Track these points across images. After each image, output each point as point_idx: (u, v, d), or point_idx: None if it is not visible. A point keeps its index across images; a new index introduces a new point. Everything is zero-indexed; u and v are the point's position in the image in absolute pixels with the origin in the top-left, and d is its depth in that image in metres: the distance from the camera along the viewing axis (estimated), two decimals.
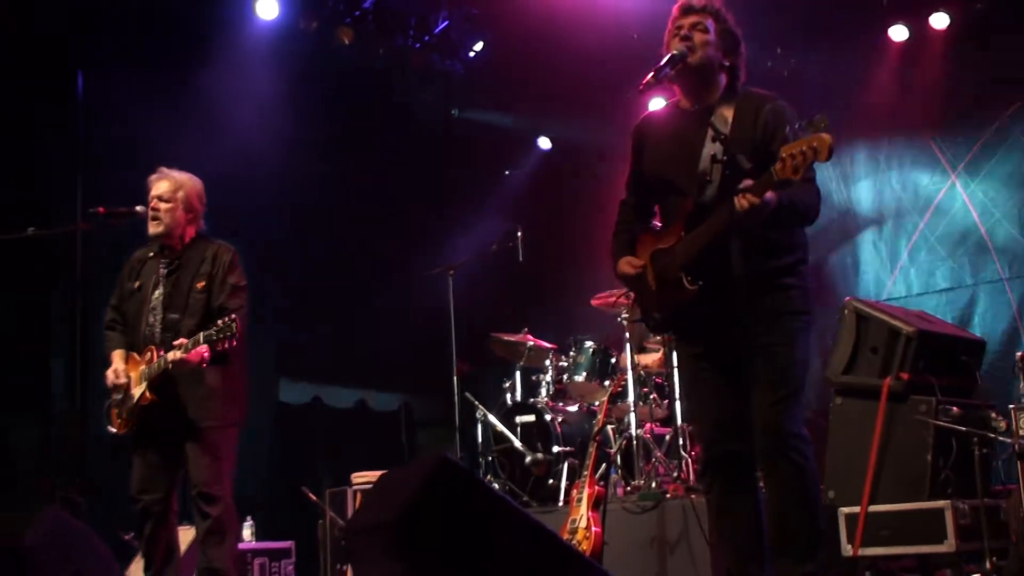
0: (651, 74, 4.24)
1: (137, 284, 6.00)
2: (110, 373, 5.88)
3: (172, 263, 5.96)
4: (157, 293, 5.90)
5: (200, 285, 5.82)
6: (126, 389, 5.82)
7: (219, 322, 5.49)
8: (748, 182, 3.90)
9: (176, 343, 5.59)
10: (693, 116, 4.36)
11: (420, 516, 3.24)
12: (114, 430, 5.87)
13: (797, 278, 4.27)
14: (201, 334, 5.53)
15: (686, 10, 4.45)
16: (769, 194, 3.88)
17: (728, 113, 4.29)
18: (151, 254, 6.06)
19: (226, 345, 5.48)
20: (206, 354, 5.58)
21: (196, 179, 6.12)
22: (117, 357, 5.92)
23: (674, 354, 7.56)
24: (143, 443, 5.84)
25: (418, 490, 3.26)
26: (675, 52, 4.31)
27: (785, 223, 4.18)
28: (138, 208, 5.95)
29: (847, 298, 7.18)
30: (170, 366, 5.61)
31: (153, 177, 6.04)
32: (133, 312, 5.97)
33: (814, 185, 4.21)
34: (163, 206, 5.93)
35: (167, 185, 5.97)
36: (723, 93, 4.40)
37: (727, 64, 4.41)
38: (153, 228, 5.94)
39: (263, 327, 6.12)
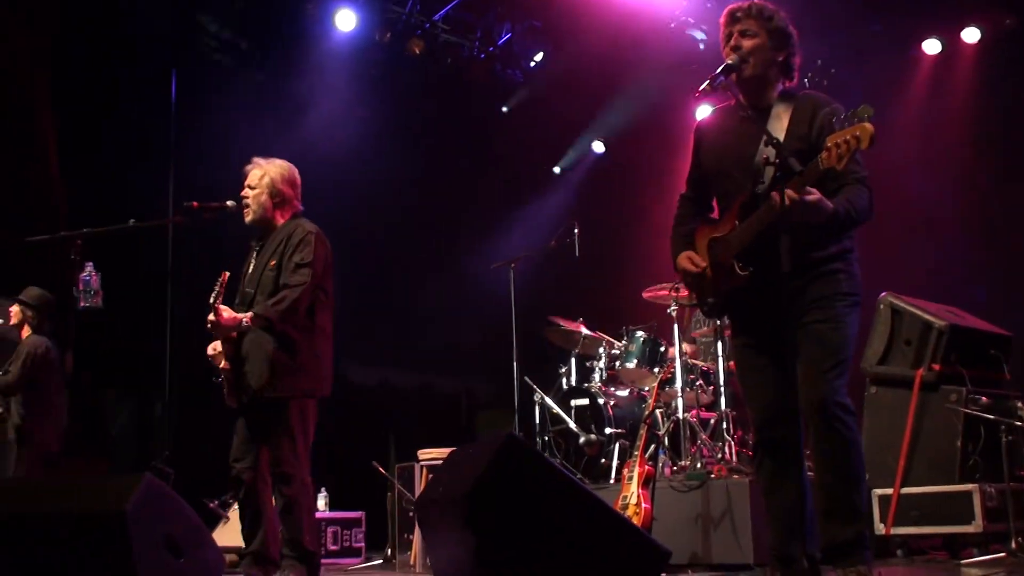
0: (707, 82, 4.19)
1: (243, 269, 6.02)
2: (209, 348, 5.88)
3: (261, 246, 5.97)
4: (247, 274, 5.93)
5: (272, 264, 5.77)
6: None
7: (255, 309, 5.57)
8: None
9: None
10: (750, 116, 4.31)
11: (490, 489, 3.26)
12: (232, 405, 5.84)
13: (844, 263, 4.23)
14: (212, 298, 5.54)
15: (732, 18, 4.38)
16: (815, 196, 3.84)
17: (785, 115, 4.25)
18: (254, 241, 6.08)
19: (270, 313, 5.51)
20: (246, 320, 5.56)
21: (285, 165, 6.05)
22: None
23: (719, 343, 7.55)
24: (239, 413, 5.83)
25: (488, 465, 3.28)
26: (730, 62, 4.26)
27: (847, 228, 4.15)
28: (228, 203, 5.93)
29: (883, 293, 7.12)
30: (214, 325, 5.59)
31: (247, 167, 6.04)
32: (233, 294, 5.96)
33: (865, 187, 4.15)
34: (250, 193, 5.93)
35: (255, 173, 5.96)
36: (780, 93, 4.35)
37: (780, 60, 4.34)
38: (245, 216, 5.95)
39: (336, 310, 6.06)
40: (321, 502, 9.18)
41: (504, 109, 12.33)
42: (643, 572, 3.32)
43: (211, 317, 5.56)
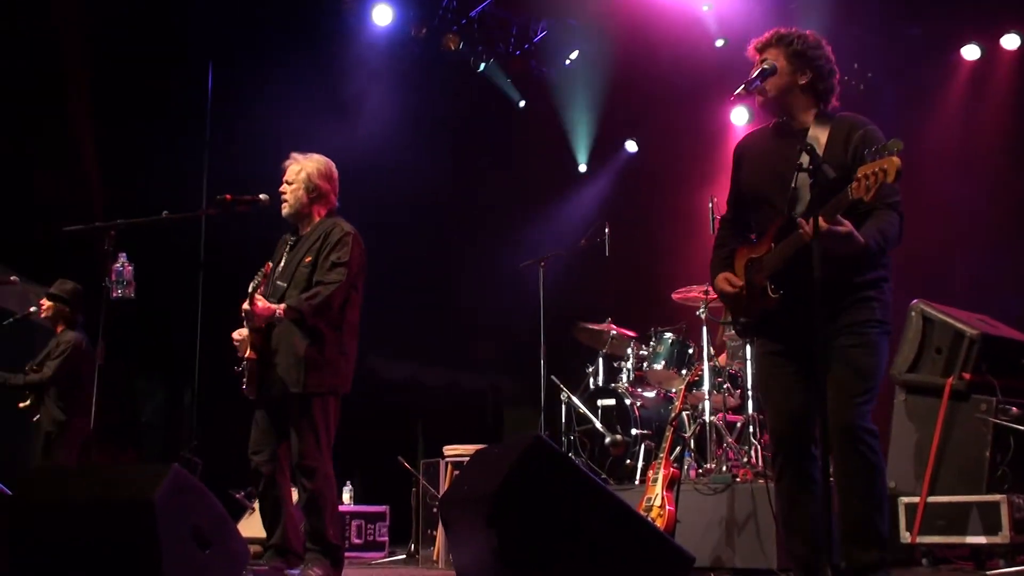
0: (742, 87, 4.24)
1: (272, 263, 6.06)
2: (235, 334, 5.92)
3: (296, 241, 6.01)
4: (279, 268, 5.97)
5: (308, 260, 5.81)
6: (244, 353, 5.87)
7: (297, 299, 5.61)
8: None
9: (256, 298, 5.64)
10: (787, 136, 4.34)
11: (515, 490, 3.27)
12: (251, 397, 5.88)
13: (878, 291, 4.25)
14: (250, 287, 5.60)
15: (756, 50, 4.48)
16: (846, 228, 3.88)
17: (822, 136, 4.26)
18: (288, 236, 6.13)
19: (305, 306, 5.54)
20: (279, 312, 5.60)
21: (322, 160, 6.10)
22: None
23: (748, 347, 7.53)
24: (258, 406, 5.88)
25: (514, 466, 3.30)
26: (765, 67, 4.28)
27: (877, 259, 4.18)
28: (262, 196, 5.96)
29: (914, 300, 7.09)
30: (248, 314, 5.63)
31: (285, 163, 6.08)
32: (266, 288, 6.01)
33: (896, 212, 4.17)
34: (288, 188, 5.98)
35: (292, 167, 6.01)
36: (817, 115, 4.36)
37: (803, 83, 4.36)
38: (283, 210, 5.99)
39: (366, 306, 6.10)
40: (346, 495, 9.24)
41: (531, 105, 12.34)
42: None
43: (246, 305, 5.61)
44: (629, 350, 8.49)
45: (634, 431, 7.91)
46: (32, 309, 8.36)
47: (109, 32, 10.01)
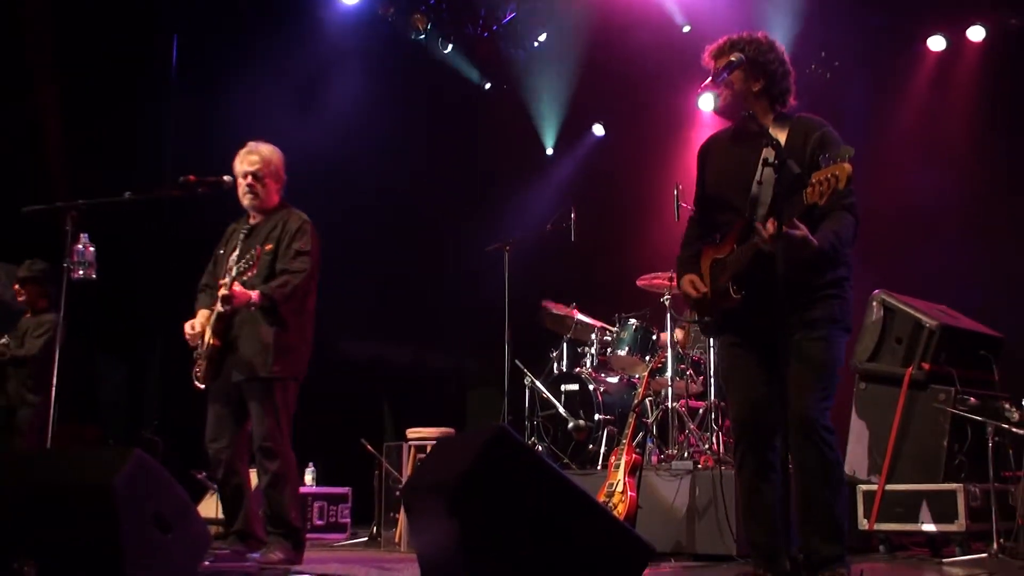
0: (710, 79, 4.30)
1: (222, 251, 6.09)
2: (187, 326, 5.97)
3: (251, 229, 6.03)
4: (234, 255, 5.96)
5: (268, 247, 5.87)
6: (201, 340, 5.89)
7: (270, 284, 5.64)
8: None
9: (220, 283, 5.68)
10: (749, 137, 4.38)
11: (478, 479, 3.28)
12: (200, 385, 5.92)
13: (839, 290, 4.31)
14: (233, 271, 5.67)
15: (713, 56, 4.54)
16: (801, 232, 3.93)
17: (781, 137, 4.30)
18: (236, 225, 6.14)
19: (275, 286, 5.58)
20: (255, 298, 5.65)
21: (278, 150, 6.17)
22: (200, 315, 5.99)
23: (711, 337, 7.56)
24: (214, 394, 5.91)
25: (477, 456, 3.31)
26: (733, 59, 4.31)
27: (832, 261, 4.23)
28: (226, 178, 5.97)
29: (876, 291, 7.15)
30: (221, 298, 5.66)
31: (243, 152, 6.08)
32: (218, 275, 6.04)
33: (850, 215, 4.25)
34: (257, 184, 6.01)
35: (259, 160, 6.02)
36: (776, 117, 4.39)
37: (756, 90, 4.41)
38: (249, 201, 6.01)
39: (332, 287, 6.14)
40: (308, 477, 9.23)
41: (499, 87, 12.31)
42: (628, 567, 3.35)
43: (224, 291, 5.61)
44: (593, 335, 8.51)
45: (597, 416, 7.93)
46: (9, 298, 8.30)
47: (72, 5, 9.89)
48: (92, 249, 5.52)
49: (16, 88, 9.77)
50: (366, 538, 8.46)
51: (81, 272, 5.50)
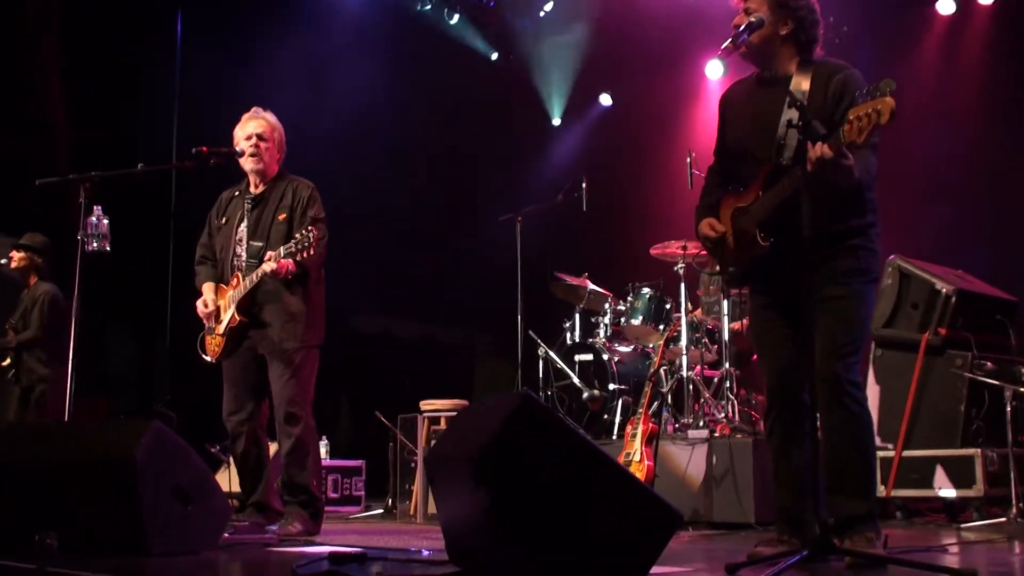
0: (729, 40, 4.19)
1: (224, 220, 6.05)
2: (200, 304, 5.94)
3: (256, 199, 5.97)
4: (243, 226, 5.92)
5: (282, 217, 5.83)
6: (215, 317, 5.86)
7: (296, 235, 5.52)
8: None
9: (267, 257, 5.61)
10: (771, 86, 4.31)
11: (504, 448, 3.25)
12: (208, 359, 5.90)
13: (865, 239, 4.21)
14: (282, 248, 5.55)
15: None
16: (850, 160, 3.82)
17: (805, 83, 4.22)
18: (236, 193, 6.09)
19: (305, 255, 5.45)
20: (292, 267, 5.61)
21: (279, 123, 6.13)
22: (207, 289, 5.96)
23: (725, 303, 7.53)
24: (232, 367, 5.89)
25: (504, 424, 3.27)
26: (752, 20, 4.24)
27: (858, 192, 4.13)
28: (239, 148, 5.94)
29: (891, 256, 7.11)
30: (263, 276, 5.62)
31: (247, 116, 6.04)
32: (221, 246, 6.00)
33: (874, 153, 4.14)
34: (262, 144, 5.94)
35: (265, 125, 5.98)
36: (799, 63, 4.32)
37: (784, 33, 4.31)
38: (253, 164, 5.95)
39: (341, 260, 6.12)
40: (323, 450, 9.21)
41: (505, 58, 12.23)
42: (656, 533, 3.32)
43: (269, 266, 5.56)
44: (607, 305, 8.47)
45: (611, 386, 7.91)
46: (3, 261, 8.28)
47: None
48: (106, 221, 5.48)
49: (22, 64, 9.72)
50: (381, 510, 8.45)
51: (95, 244, 5.47)
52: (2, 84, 9.58)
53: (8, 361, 8.12)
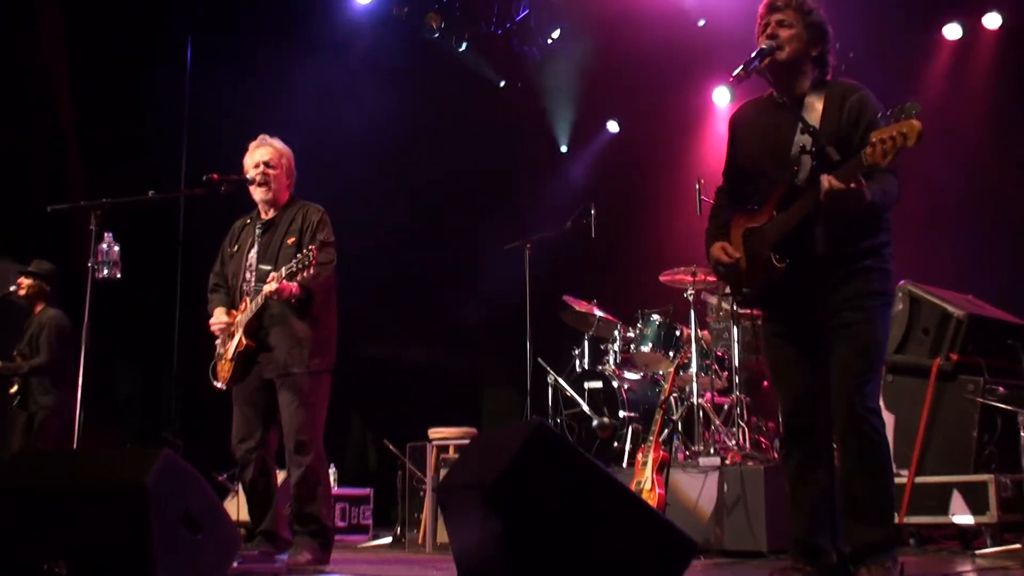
0: (741, 67, 4.16)
1: (236, 248, 6.04)
2: (212, 321, 5.90)
3: (267, 224, 5.96)
4: (253, 252, 5.91)
5: (291, 241, 5.80)
6: (226, 340, 5.83)
7: (297, 256, 5.49)
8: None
9: (268, 278, 5.58)
10: (785, 106, 4.28)
11: (518, 476, 3.22)
12: (219, 385, 5.86)
13: (879, 260, 4.17)
14: (283, 269, 5.51)
15: (771, 7, 4.35)
16: (863, 185, 3.80)
17: (818, 104, 4.21)
18: (247, 221, 6.09)
19: (305, 275, 5.42)
20: (295, 290, 5.58)
21: (288, 148, 6.12)
22: (218, 312, 5.92)
23: (735, 329, 7.51)
24: (241, 393, 5.85)
25: (517, 452, 3.25)
26: (763, 47, 4.23)
27: (876, 216, 4.11)
28: (248, 175, 5.94)
29: (901, 281, 7.08)
30: (268, 298, 5.59)
31: (254, 144, 6.04)
32: (232, 273, 5.98)
33: (896, 176, 4.11)
34: (271, 172, 5.94)
35: (272, 152, 5.98)
36: (813, 83, 4.31)
37: (814, 55, 4.31)
38: (262, 193, 5.95)
39: (349, 286, 6.10)
40: (331, 478, 9.18)
41: (513, 85, 12.26)
42: (671, 562, 3.30)
43: (271, 287, 5.54)
44: (616, 332, 8.45)
45: (621, 414, 7.88)
46: (12, 289, 8.30)
47: (87, 7, 9.87)
48: (117, 248, 5.48)
49: (32, 92, 9.75)
50: (389, 539, 8.41)
51: (106, 272, 5.47)
52: (12, 111, 9.62)
53: (16, 388, 8.12)
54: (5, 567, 4.27)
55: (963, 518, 6.42)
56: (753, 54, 4.21)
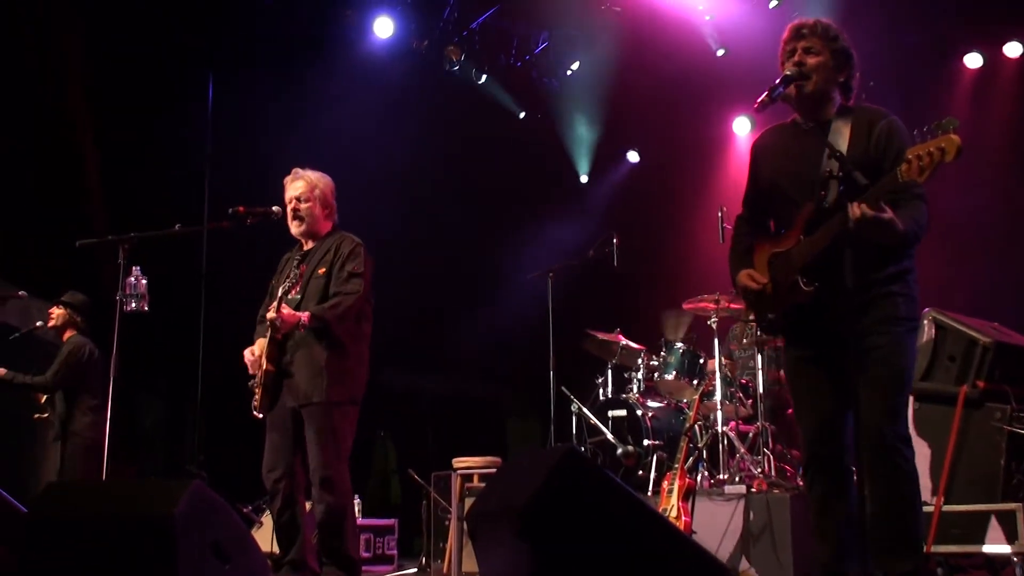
0: (765, 94, 4.15)
1: (277, 280, 6.05)
2: (246, 352, 5.92)
3: (304, 255, 5.99)
4: (287, 283, 5.93)
5: (321, 272, 5.83)
6: (259, 368, 5.85)
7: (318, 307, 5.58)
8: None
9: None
10: (810, 132, 4.27)
11: (549, 502, 3.21)
12: (258, 414, 5.85)
13: (904, 285, 4.16)
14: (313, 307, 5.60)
15: (797, 34, 4.33)
16: (889, 215, 3.79)
17: (845, 129, 4.20)
18: (291, 254, 6.11)
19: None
20: (304, 319, 5.61)
21: (327, 177, 6.15)
22: (258, 344, 5.93)
23: (759, 356, 7.50)
24: (271, 421, 5.85)
25: (547, 478, 3.24)
26: (788, 72, 4.23)
27: (909, 247, 4.11)
28: (274, 208, 5.98)
29: (926, 309, 7.05)
30: (272, 324, 5.63)
31: (288, 179, 6.08)
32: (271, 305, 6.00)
33: (923, 202, 4.10)
34: (303, 206, 5.98)
35: (304, 185, 6.01)
36: (839, 109, 4.31)
37: (841, 81, 4.31)
38: (296, 228, 6.00)
39: (374, 316, 6.12)
40: (355, 509, 9.17)
41: (532, 116, 12.31)
42: None
43: (272, 314, 5.57)
44: (640, 360, 8.44)
45: (646, 442, 7.87)
46: (39, 324, 8.34)
47: (109, 45, 9.96)
48: (144, 281, 5.52)
49: (58, 130, 9.84)
50: (415, 569, 8.39)
51: (134, 305, 5.51)
52: (38, 149, 9.70)
53: (48, 415, 8.15)
54: None
55: (992, 547, 6.36)
56: (777, 81, 4.21)
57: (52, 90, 9.83)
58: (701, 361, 7.99)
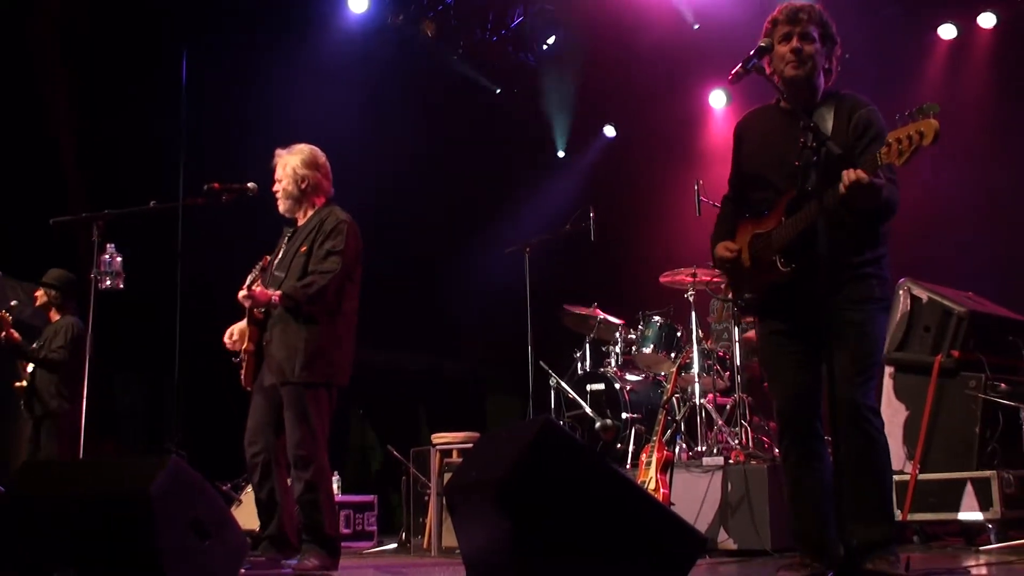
0: (740, 65, 4.15)
1: (271, 256, 6.02)
2: (225, 337, 5.92)
3: (293, 232, 5.97)
4: (278, 259, 5.91)
5: (303, 249, 5.78)
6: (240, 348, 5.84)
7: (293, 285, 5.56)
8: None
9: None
10: (792, 115, 4.27)
11: (527, 474, 3.23)
12: (248, 388, 5.84)
13: (877, 268, 4.24)
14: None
15: (795, 17, 4.33)
16: (882, 180, 3.85)
17: (828, 114, 4.24)
18: (287, 228, 6.09)
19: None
20: (275, 298, 5.58)
21: (305, 148, 6.06)
22: (237, 326, 5.92)
23: (735, 329, 7.52)
24: (253, 399, 5.84)
25: (525, 450, 3.26)
26: (762, 44, 4.24)
27: (883, 218, 4.17)
28: (250, 184, 5.94)
29: (901, 279, 7.10)
30: (243, 303, 5.62)
31: (273, 161, 6.05)
32: (265, 283, 5.96)
33: (895, 186, 4.16)
34: (278, 186, 5.96)
35: (280, 166, 5.99)
36: (823, 95, 4.34)
37: (826, 67, 4.35)
38: (280, 206, 5.97)
39: None
40: (334, 486, 9.17)
41: (509, 91, 12.28)
42: (682, 558, 3.31)
43: (242, 293, 5.57)
44: (617, 334, 8.46)
45: (624, 415, 7.89)
46: (13, 303, 8.27)
47: (82, 21, 9.88)
48: (119, 259, 5.49)
49: (29, 106, 9.76)
50: (394, 545, 8.41)
51: (108, 282, 5.48)
52: (12, 126, 9.62)
53: (25, 383, 8.08)
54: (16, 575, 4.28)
55: (967, 514, 6.43)
56: (752, 52, 4.22)
57: (26, 68, 9.73)
58: (678, 334, 8.01)
